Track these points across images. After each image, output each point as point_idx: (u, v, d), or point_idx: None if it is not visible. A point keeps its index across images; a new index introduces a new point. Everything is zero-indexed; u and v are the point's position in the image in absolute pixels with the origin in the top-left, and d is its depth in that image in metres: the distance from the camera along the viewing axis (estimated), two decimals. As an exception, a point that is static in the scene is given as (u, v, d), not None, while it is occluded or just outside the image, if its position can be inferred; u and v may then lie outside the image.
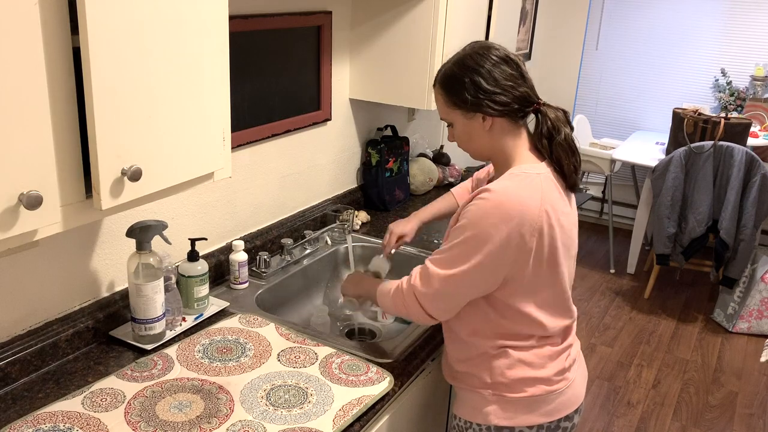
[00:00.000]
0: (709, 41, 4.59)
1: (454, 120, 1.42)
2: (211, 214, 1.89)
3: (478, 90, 1.35)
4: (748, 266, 3.74)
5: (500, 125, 1.38)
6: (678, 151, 3.66)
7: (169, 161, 1.21)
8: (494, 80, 1.35)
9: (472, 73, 1.36)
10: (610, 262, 4.50)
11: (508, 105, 1.36)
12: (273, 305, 1.89)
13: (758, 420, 3.04)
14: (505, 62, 1.37)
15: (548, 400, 1.45)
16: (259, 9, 1.89)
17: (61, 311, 1.51)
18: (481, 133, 1.39)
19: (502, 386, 1.44)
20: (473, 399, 1.49)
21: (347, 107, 2.41)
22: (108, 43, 1.03)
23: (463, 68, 1.38)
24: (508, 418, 1.45)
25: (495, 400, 1.45)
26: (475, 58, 1.37)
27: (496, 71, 1.35)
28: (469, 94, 1.36)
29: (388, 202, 2.52)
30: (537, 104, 1.40)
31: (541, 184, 1.34)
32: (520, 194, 1.31)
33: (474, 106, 1.36)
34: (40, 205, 1.00)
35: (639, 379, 3.33)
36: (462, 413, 1.52)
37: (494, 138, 1.40)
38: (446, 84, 1.40)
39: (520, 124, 1.41)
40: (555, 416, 1.47)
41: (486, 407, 1.46)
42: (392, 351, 1.58)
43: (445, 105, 1.42)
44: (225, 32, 1.28)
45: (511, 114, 1.37)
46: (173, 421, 1.29)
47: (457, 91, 1.37)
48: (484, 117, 1.37)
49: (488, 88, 1.34)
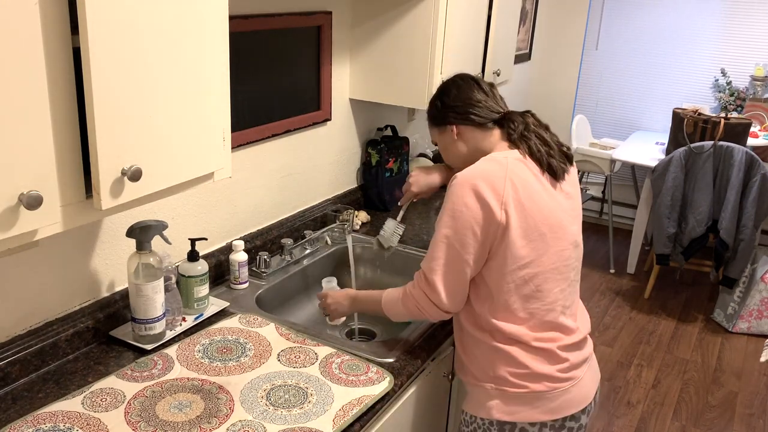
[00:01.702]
0: (709, 41, 4.59)
1: (435, 138, 1.65)
2: (211, 214, 1.89)
3: (443, 105, 1.60)
4: (748, 266, 3.74)
5: (468, 132, 1.57)
6: (678, 151, 3.66)
7: (169, 161, 1.21)
8: (455, 96, 1.58)
9: (440, 95, 1.62)
10: (610, 262, 4.50)
11: (468, 113, 1.55)
12: (273, 305, 1.89)
13: (758, 420, 3.04)
14: (466, 82, 1.59)
15: (551, 397, 1.46)
16: (259, 9, 1.89)
17: (61, 311, 1.51)
18: (453, 142, 1.59)
19: (504, 380, 1.46)
20: (478, 393, 1.51)
21: (347, 107, 2.41)
22: (108, 43, 1.03)
23: (436, 94, 1.64)
24: (509, 413, 1.46)
25: (497, 394, 1.47)
26: (444, 84, 1.63)
27: (458, 90, 1.58)
28: (437, 110, 1.61)
29: (388, 202, 2.52)
30: (503, 112, 1.57)
31: (507, 163, 1.45)
32: (483, 168, 1.44)
33: (442, 120, 1.60)
34: (40, 205, 1.00)
35: (639, 379, 3.33)
36: (468, 407, 1.56)
37: (467, 144, 1.58)
38: (427, 110, 1.67)
39: (489, 128, 1.56)
40: (559, 414, 1.47)
41: (489, 401, 1.48)
42: (392, 351, 1.58)
43: (429, 128, 1.67)
44: (225, 32, 1.29)
45: (475, 120, 1.55)
46: (173, 421, 1.29)
47: (431, 111, 1.64)
48: (451, 127, 1.58)
49: (449, 103, 1.58)
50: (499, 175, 1.42)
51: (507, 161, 1.45)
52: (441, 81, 2.21)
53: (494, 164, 1.44)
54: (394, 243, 1.98)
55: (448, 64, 2.26)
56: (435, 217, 2.51)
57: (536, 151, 1.49)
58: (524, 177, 1.44)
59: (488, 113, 1.56)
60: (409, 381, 1.54)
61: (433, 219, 2.50)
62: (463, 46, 2.36)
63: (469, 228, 1.41)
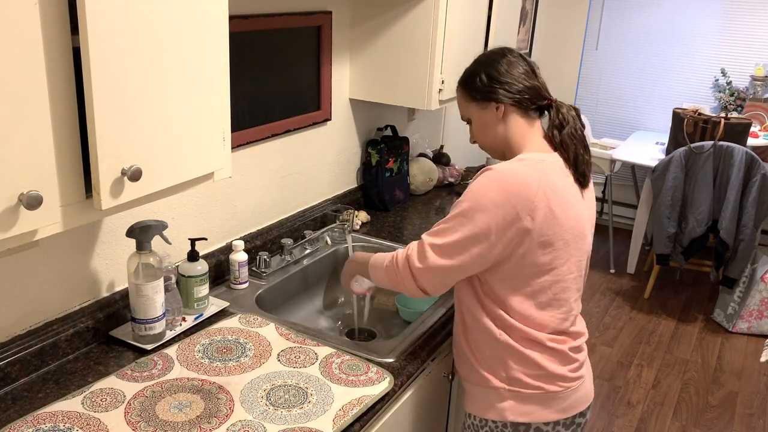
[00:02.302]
0: (709, 41, 4.59)
1: (471, 113, 1.51)
2: (211, 214, 1.89)
3: (491, 80, 1.45)
4: (748, 266, 3.74)
5: (513, 115, 1.46)
6: (678, 151, 3.66)
7: (169, 161, 1.21)
8: (506, 72, 1.45)
9: (486, 66, 1.47)
10: (610, 262, 4.50)
11: (520, 93, 1.44)
12: (273, 305, 1.89)
13: (758, 420, 3.04)
14: (517, 59, 1.47)
15: (564, 397, 1.47)
16: (259, 9, 1.89)
17: (61, 311, 1.51)
18: (494, 122, 1.47)
19: (518, 382, 1.45)
20: (488, 395, 1.49)
21: (347, 107, 2.41)
22: (108, 43, 1.03)
23: (479, 64, 1.50)
24: (524, 414, 1.45)
25: (511, 396, 1.46)
26: (489, 56, 1.49)
27: (508, 66, 1.46)
28: (482, 84, 1.46)
29: (388, 202, 2.52)
30: (549, 100, 1.47)
31: (543, 167, 1.38)
32: (518, 171, 1.36)
33: (487, 95, 1.46)
34: (40, 205, 1.00)
35: (639, 379, 3.33)
36: (476, 410, 1.53)
37: (508, 128, 1.47)
38: (464, 80, 1.51)
39: (533, 117, 1.48)
40: (570, 412, 1.49)
41: (501, 403, 1.47)
42: (392, 351, 1.58)
43: (463, 101, 1.52)
44: (225, 32, 1.28)
45: (523, 104, 1.45)
46: (173, 421, 1.29)
47: (473, 83, 1.48)
48: (497, 106, 1.45)
49: (500, 78, 1.45)
50: (533, 181, 1.35)
51: (543, 166, 1.39)
52: (442, 80, 2.25)
53: (530, 168, 1.37)
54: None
55: (448, 64, 2.26)
56: (435, 217, 2.52)
57: (574, 157, 1.43)
58: (558, 183, 1.39)
59: (538, 99, 1.47)
60: (409, 381, 1.54)
61: (433, 219, 2.50)
62: (463, 46, 2.36)
63: (486, 228, 1.35)
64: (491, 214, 1.34)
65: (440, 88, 2.26)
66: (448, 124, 3.30)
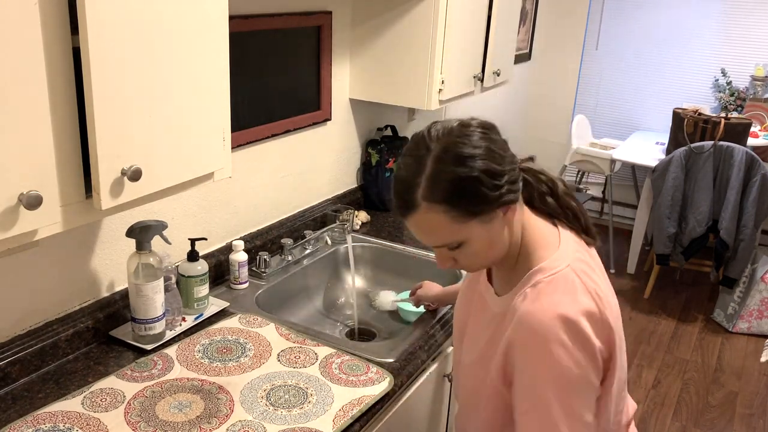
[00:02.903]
0: (709, 41, 4.59)
1: (469, 236, 1.05)
2: (211, 214, 1.89)
3: (494, 178, 1.02)
4: (748, 266, 3.74)
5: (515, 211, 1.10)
6: (678, 151, 3.66)
7: (169, 161, 1.21)
8: (500, 156, 1.04)
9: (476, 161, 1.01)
10: (610, 262, 4.50)
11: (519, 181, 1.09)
12: (273, 305, 1.89)
13: (758, 420, 3.04)
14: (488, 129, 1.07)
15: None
16: (259, 9, 1.89)
17: (61, 311, 1.51)
18: (501, 232, 1.08)
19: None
20: None
21: (347, 107, 2.41)
22: (108, 43, 1.03)
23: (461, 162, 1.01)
24: None
25: None
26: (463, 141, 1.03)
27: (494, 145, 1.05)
28: (488, 189, 1.02)
29: (388, 202, 2.52)
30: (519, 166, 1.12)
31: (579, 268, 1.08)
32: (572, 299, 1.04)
33: (496, 202, 1.04)
34: (40, 205, 1.00)
35: (639, 379, 3.33)
36: None
37: (512, 229, 1.11)
38: (454, 194, 1.01)
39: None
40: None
41: None
42: (392, 351, 1.58)
43: (453, 223, 1.03)
44: (225, 32, 1.28)
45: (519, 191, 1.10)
46: (173, 421, 1.29)
47: (474, 193, 1.02)
48: (505, 210, 1.06)
49: (501, 170, 1.04)
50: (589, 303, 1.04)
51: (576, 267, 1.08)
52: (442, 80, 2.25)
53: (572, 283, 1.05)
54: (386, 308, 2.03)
55: (448, 64, 2.26)
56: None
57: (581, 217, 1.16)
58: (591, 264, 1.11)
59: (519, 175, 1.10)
60: (409, 381, 1.54)
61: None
62: (463, 46, 2.36)
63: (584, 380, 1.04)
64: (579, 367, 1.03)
65: (440, 88, 2.26)
66: (448, 124, 3.30)
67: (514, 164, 1.07)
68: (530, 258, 1.12)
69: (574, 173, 4.98)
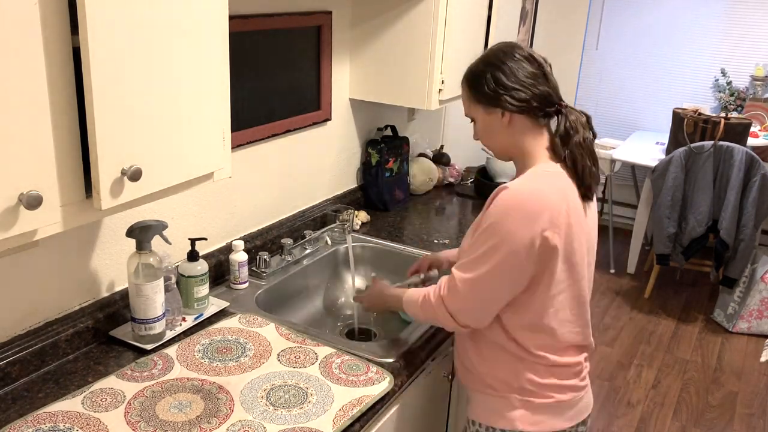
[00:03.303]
0: (709, 41, 4.59)
1: (476, 115, 1.43)
2: (211, 214, 1.89)
3: (498, 85, 1.36)
4: (748, 266, 3.74)
5: (520, 122, 1.38)
6: (678, 151, 3.66)
7: (169, 161, 1.21)
8: (515, 76, 1.36)
9: (493, 68, 1.37)
10: (610, 262, 4.50)
11: (528, 102, 1.36)
12: (273, 305, 1.89)
13: (758, 420, 3.04)
14: (527, 60, 1.38)
15: (572, 405, 1.46)
16: (259, 9, 1.89)
17: (61, 311, 1.51)
18: (500, 129, 1.40)
19: (530, 392, 1.42)
20: (496, 403, 1.45)
21: (347, 107, 2.41)
22: (108, 43, 1.03)
23: (486, 64, 1.40)
24: (534, 423, 1.42)
25: (521, 404, 1.42)
26: (498, 55, 1.39)
27: (518, 68, 1.36)
28: (489, 89, 1.37)
29: (388, 202, 2.52)
30: (559, 105, 1.40)
31: (562, 183, 1.35)
32: (542, 190, 1.32)
33: (494, 101, 1.37)
34: (40, 205, 1.00)
35: (639, 379, 3.33)
36: (483, 418, 1.48)
37: (514, 135, 1.40)
38: (470, 79, 1.43)
39: (541, 124, 1.40)
40: (576, 420, 1.48)
41: (512, 412, 1.43)
42: (392, 351, 1.58)
43: (468, 100, 1.44)
44: (225, 32, 1.28)
45: (531, 111, 1.37)
46: (173, 421, 1.29)
47: (479, 85, 1.39)
48: (503, 112, 1.38)
49: (508, 84, 1.36)
50: (556, 198, 1.31)
51: (560, 179, 1.35)
52: (442, 80, 2.25)
53: (549, 184, 1.33)
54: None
55: (448, 64, 2.26)
56: (435, 217, 2.52)
57: (582, 170, 1.37)
58: (574, 196, 1.35)
59: (546, 105, 1.38)
60: (409, 381, 1.54)
61: (434, 219, 2.50)
62: (463, 46, 2.36)
63: (516, 253, 1.29)
64: (519, 242, 1.29)
65: (440, 88, 2.26)
66: (448, 124, 3.30)
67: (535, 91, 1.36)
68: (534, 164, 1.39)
69: (574, 173, 4.97)
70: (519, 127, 1.39)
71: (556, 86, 1.40)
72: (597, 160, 1.41)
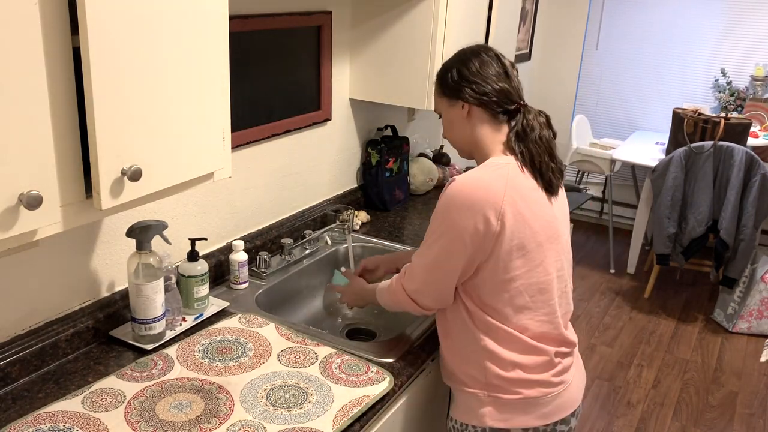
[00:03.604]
0: (709, 41, 4.59)
1: (441, 108, 1.52)
2: (211, 214, 1.89)
3: (461, 78, 1.45)
4: (748, 266, 3.74)
5: (478, 115, 1.46)
6: (678, 151, 3.66)
7: (169, 161, 1.21)
8: (477, 71, 1.44)
9: (460, 64, 1.47)
10: (610, 262, 4.50)
11: (487, 95, 1.43)
12: (273, 305, 1.89)
13: (758, 420, 3.04)
14: (493, 60, 1.47)
15: (544, 402, 1.45)
16: (259, 9, 1.89)
17: (61, 311, 1.51)
18: (461, 121, 1.47)
19: (496, 387, 1.44)
20: (468, 400, 1.49)
21: (347, 107, 2.41)
22: (108, 43, 1.03)
23: (454, 61, 1.50)
24: (503, 420, 1.45)
25: (490, 401, 1.45)
26: (467, 53, 1.49)
27: (482, 65, 1.45)
28: (452, 81, 1.47)
29: (388, 202, 2.52)
30: (519, 104, 1.46)
31: (508, 171, 1.39)
32: (483, 178, 1.38)
33: (455, 92, 1.46)
34: (40, 205, 1.00)
35: (639, 379, 3.33)
36: (457, 415, 1.53)
37: (473, 128, 1.47)
38: (439, 74, 1.52)
39: (500, 120, 1.46)
40: (551, 419, 1.47)
41: (481, 408, 1.46)
42: (392, 351, 1.58)
43: (436, 94, 1.53)
44: (225, 32, 1.29)
45: (490, 106, 1.44)
46: (173, 421, 1.29)
47: (444, 78, 1.49)
48: (463, 104, 1.46)
49: (470, 77, 1.44)
50: (499, 186, 1.36)
51: (509, 169, 1.39)
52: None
53: (494, 173, 1.38)
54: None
55: (448, 64, 2.26)
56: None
57: (539, 165, 1.43)
58: (524, 185, 1.40)
59: (506, 103, 1.45)
60: (409, 381, 1.54)
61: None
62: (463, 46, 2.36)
63: (460, 238, 1.37)
64: (462, 224, 1.36)
65: (440, 88, 2.26)
66: (448, 124, 3.30)
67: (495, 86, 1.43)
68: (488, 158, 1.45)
69: (574, 173, 4.98)
70: (477, 120, 1.46)
71: (518, 87, 1.47)
72: (555, 157, 1.47)
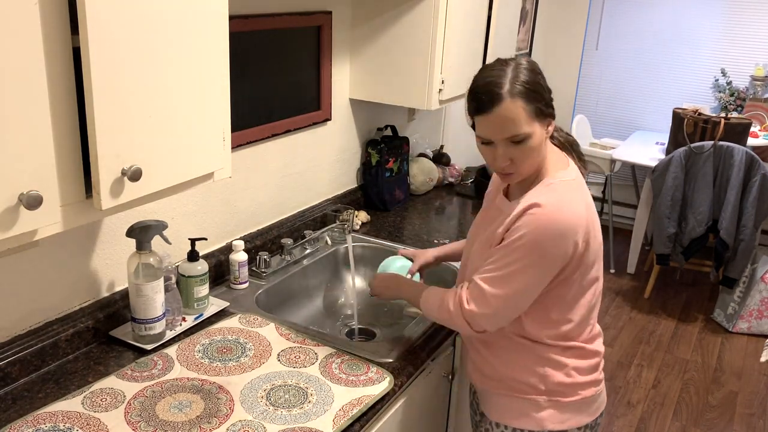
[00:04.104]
0: (709, 41, 4.59)
1: (533, 131, 1.30)
2: (211, 214, 1.89)
3: (550, 94, 1.34)
4: (748, 266, 3.74)
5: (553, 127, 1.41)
6: (678, 151, 3.66)
7: (169, 161, 1.21)
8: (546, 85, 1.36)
9: (541, 77, 1.34)
10: (610, 262, 4.50)
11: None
12: (273, 305, 1.89)
13: (758, 420, 3.04)
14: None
15: (595, 399, 1.50)
16: (259, 9, 1.89)
17: (61, 311, 1.51)
18: (543, 142, 1.34)
19: (557, 392, 1.45)
20: (523, 406, 1.46)
21: (347, 107, 2.41)
22: (108, 43, 1.03)
23: (535, 73, 1.32)
24: (562, 422, 1.46)
25: (549, 405, 1.45)
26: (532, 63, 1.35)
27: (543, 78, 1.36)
28: (547, 99, 1.33)
29: (388, 202, 2.52)
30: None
31: (579, 186, 1.38)
32: (567, 201, 1.32)
33: (548, 112, 1.33)
34: (40, 205, 1.00)
35: (639, 379, 3.33)
36: (508, 420, 1.49)
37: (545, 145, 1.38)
38: (530, 93, 1.28)
39: None
40: (597, 414, 1.52)
41: (540, 413, 1.45)
42: (392, 351, 1.58)
43: (526, 116, 1.28)
44: (225, 32, 1.28)
45: None
46: (173, 421, 1.29)
47: (540, 98, 1.30)
48: (548, 123, 1.34)
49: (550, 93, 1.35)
50: (582, 206, 1.34)
51: (579, 182, 1.38)
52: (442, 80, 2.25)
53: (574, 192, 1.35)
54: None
55: (448, 64, 2.26)
56: (435, 217, 2.52)
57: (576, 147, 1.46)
58: (588, 193, 1.40)
59: None
60: (409, 381, 1.54)
61: (434, 219, 2.50)
62: (463, 46, 2.36)
63: (552, 267, 1.32)
64: (555, 254, 1.30)
65: (440, 88, 2.26)
66: (448, 124, 3.30)
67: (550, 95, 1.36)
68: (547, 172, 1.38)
69: (574, 173, 4.97)
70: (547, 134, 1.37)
71: None
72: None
